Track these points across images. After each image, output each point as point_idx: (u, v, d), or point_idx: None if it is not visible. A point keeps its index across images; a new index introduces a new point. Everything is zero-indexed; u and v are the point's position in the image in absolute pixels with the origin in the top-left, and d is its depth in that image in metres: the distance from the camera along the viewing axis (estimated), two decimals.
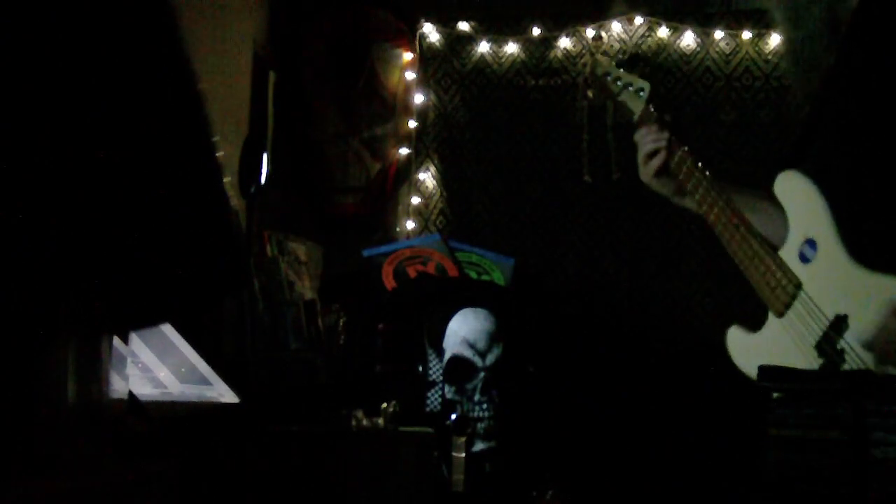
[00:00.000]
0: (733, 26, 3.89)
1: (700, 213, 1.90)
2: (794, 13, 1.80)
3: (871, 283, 1.56)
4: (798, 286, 1.68)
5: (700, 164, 1.93)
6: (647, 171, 1.99)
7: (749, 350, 1.77)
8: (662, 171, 1.97)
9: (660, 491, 3.47)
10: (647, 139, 1.99)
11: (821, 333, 1.62)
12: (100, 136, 1.12)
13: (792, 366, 1.65)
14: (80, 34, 1.11)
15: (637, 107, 2.08)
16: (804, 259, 1.68)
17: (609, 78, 2.16)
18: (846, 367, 1.58)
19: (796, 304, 1.67)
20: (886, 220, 1.60)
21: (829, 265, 1.63)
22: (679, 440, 3.53)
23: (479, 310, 3.11)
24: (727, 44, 3.89)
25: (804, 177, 1.69)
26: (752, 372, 1.73)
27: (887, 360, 1.51)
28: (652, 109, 2.05)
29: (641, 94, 2.08)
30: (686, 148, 1.96)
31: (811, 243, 1.67)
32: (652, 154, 1.98)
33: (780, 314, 1.70)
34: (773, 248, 1.75)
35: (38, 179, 1.09)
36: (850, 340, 1.58)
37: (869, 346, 1.54)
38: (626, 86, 2.12)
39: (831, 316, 1.61)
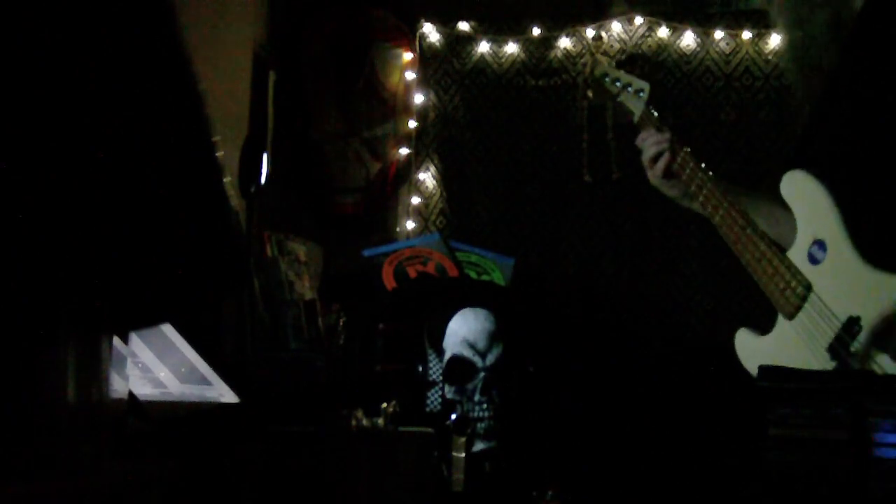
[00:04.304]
0: (733, 26, 3.89)
1: (707, 216, 1.89)
2: (798, 15, 1.79)
3: (884, 284, 1.54)
4: (808, 288, 1.66)
5: (703, 165, 1.92)
6: (653, 174, 1.98)
7: (758, 354, 1.74)
8: (669, 174, 1.96)
9: (660, 491, 3.46)
10: (650, 142, 1.98)
11: (833, 336, 1.61)
12: (100, 136, 1.12)
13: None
14: (79, 33, 1.11)
15: (637, 108, 2.06)
16: (813, 261, 1.66)
17: (608, 79, 2.14)
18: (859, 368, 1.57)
19: (807, 306, 1.65)
20: (894, 220, 1.60)
21: (839, 266, 1.62)
22: (679, 440, 3.52)
23: (479, 310, 3.11)
24: (727, 44, 3.89)
25: (811, 177, 1.67)
26: None
27: None
28: (652, 111, 2.04)
29: (641, 94, 2.07)
30: (688, 149, 1.95)
31: (820, 244, 1.65)
32: (656, 157, 1.97)
33: (791, 316, 1.69)
34: (782, 250, 1.74)
35: (38, 179, 1.09)
36: (864, 342, 1.56)
37: (883, 347, 1.53)
38: (625, 87, 2.10)
39: (843, 318, 1.59)
